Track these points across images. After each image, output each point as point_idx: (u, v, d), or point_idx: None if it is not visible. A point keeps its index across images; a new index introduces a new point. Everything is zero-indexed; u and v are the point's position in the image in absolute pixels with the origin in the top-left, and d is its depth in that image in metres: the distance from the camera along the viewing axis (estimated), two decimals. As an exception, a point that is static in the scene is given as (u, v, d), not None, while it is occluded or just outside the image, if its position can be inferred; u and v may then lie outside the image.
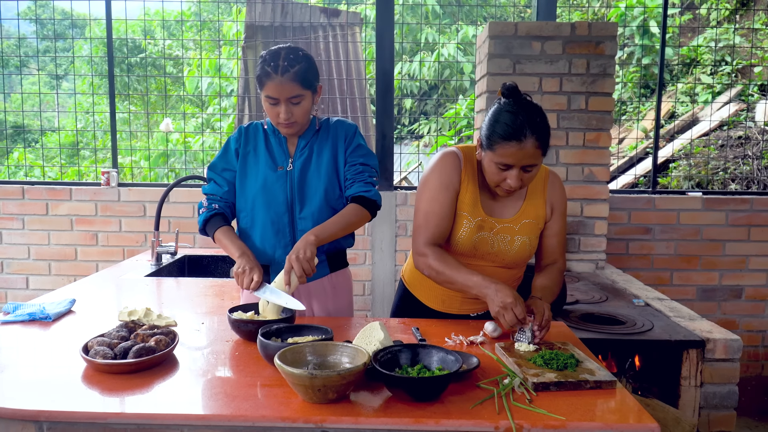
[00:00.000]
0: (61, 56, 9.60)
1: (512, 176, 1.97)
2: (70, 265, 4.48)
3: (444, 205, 2.11)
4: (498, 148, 1.94)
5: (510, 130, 1.91)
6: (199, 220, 2.33)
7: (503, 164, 1.96)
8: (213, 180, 2.36)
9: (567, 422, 1.44)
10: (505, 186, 2.01)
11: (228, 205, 2.34)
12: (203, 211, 2.31)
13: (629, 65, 7.39)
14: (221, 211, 2.31)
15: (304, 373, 1.45)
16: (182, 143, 7.40)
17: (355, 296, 4.40)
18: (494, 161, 1.98)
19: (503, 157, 1.94)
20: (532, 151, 1.92)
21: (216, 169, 2.35)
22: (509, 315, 1.86)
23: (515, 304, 1.87)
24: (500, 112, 1.96)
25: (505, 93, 2.00)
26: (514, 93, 1.99)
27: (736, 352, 2.62)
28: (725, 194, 4.53)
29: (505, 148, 1.93)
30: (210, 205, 2.31)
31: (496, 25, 3.74)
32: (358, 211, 2.26)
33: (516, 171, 1.96)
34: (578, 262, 3.93)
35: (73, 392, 1.56)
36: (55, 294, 2.62)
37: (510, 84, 2.00)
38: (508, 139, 1.91)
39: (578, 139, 3.83)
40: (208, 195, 2.34)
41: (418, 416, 1.45)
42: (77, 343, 1.83)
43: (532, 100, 2.00)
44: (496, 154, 1.96)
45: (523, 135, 1.90)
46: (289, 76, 2.12)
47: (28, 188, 4.44)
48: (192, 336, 2.04)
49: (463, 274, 2.01)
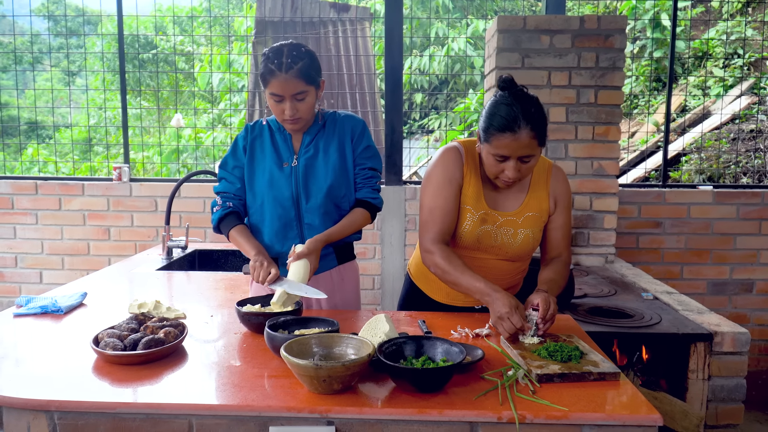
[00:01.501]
0: (74, 53, 9.66)
1: (509, 167, 1.99)
2: (83, 260, 4.53)
3: (448, 199, 2.13)
4: (494, 140, 1.97)
5: (504, 122, 1.93)
6: (213, 218, 2.36)
7: (500, 156, 1.99)
8: (224, 179, 2.39)
9: (569, 413, 1.45)
10: (504, 177, 2.03)
11: (242, 202, 2.37)
12: (218, 209, 2.34)
13: (641, 58, 7.34)
14: (235, 209, 2.34)
15: (309, 363, 1.47)
16: (194, 139, 7.43)
17: (365, 290, 4.42)
18: (491, 153, 2.00)
19: (499, 148, 1.97)
20: (528, 142, 1.94)
21: (227, 168, 2.38)
22: (506, 324, 1.89)
23: (512, 314, 1.88)
24: (496, 105, 1.98)
25: (501, 85, 2.03)
26: (510, 85, 2.01)
27: (744, 345, 2.62)
28: (736, 188, 4.51)
29: (501, 140, 1.95)
30: (224, 203, 2.34)
31: (505, 19, 3.73)
32: (363, 215, 2.37)
33: (513, 162, 1.98)
34: (587, 256, 3.93)
35: (83, 383, 1.59)
36: (68, 287, 2.66)
37: (506, 76, 2.02)
38: (502, 130, 1.94)
39: (587, 133, 3.82)
40: (221, 193, 2.37)
41: (422, 407, 1.46)
42: (88, 335, 1.87)
43: (528, 92, 2.02)
44: (492, 146, 1.98)
45: (518, 126, 1.92)
46: (293, 73, 2.14)
47: (41, 183, 4.49)
48: (201, 328, 2.07)
49: (467, 278, 2.03)
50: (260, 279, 2.11)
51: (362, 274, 4.31)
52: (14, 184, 4.49)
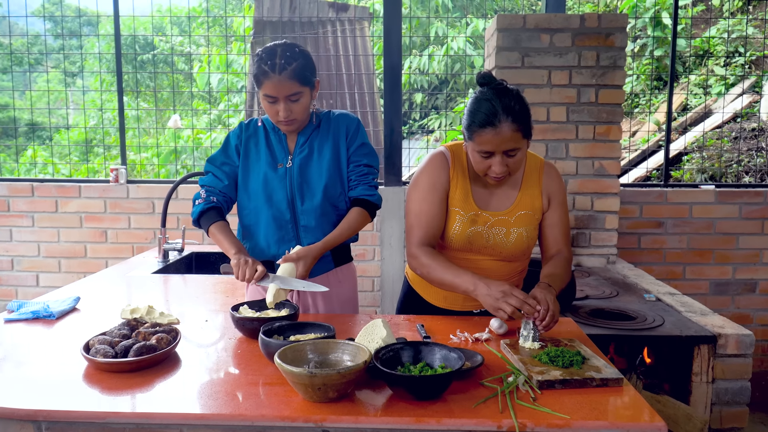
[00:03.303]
0: (72, 53, 9.62)
1: (495, 162, 1.98)
2: (80, 263, 4.50)
3: (434, 204, 2.12)
4: (476, 137, 1.96)
5: (484, 117, 1.93)
6: (194, 211, 2.30)
7: (484, 152, 1.98)
8: (211, 173, 2.34)
9: (572, 421, 1.41)
10: (492, 173, 2.01)
11: (226, 199, 2.32)
12: (200, 202, 2.28)
13: (642, 57, 7.30)
14: (218, 204, 2.29)
15: (303, 371, 1.43)
16: (193, 140, 7.40)
17: (364, 292, 4.38)
18: (476, 150, 1.99)
19: (482, 144, 1.96)
20: (510, 135, 1.93)
21: (215, 163, 2.34)
22: (506, 305, 1.83)
23: (509, 293, 1.85)
24: (476, 101, 1.98)
25: (480, 81, 2.02)
26: (489, 80, 2.00)
27: (749, 348, 2.58)
28: (738, 187, 4.47)
29: (482, 136, 1.94)
30: (208, 197, 2.29)
31: (505, 17, 3.69)
32: (361, 215, 2.32)
33: (498, 157, 1.97)
34: (589, 256, 3.89)
35: (73, 391, 1.55)
36: (62, 291, 2.62)
37: (484, 72, 2.02)
38: (483, 126, 1.93)
39: (588, 133, 3.78)
40: (206, 187, 2.32)
41: (419, 415, 1.42)
42: (79, 342, 1.82)
43: (509, 86, 2.00)
44: (475, 143, 1.98)
45: (498, 120, 1.91)
46: (287, 74, 2.10)
47: (38, 185, 4.45)
48: (195, 333, 2.03)
49: (452, 273, 2.00)
50: (246, 277, 2.04)
51: (361, 276, 4.28)
52: (10, 186, 4.46)
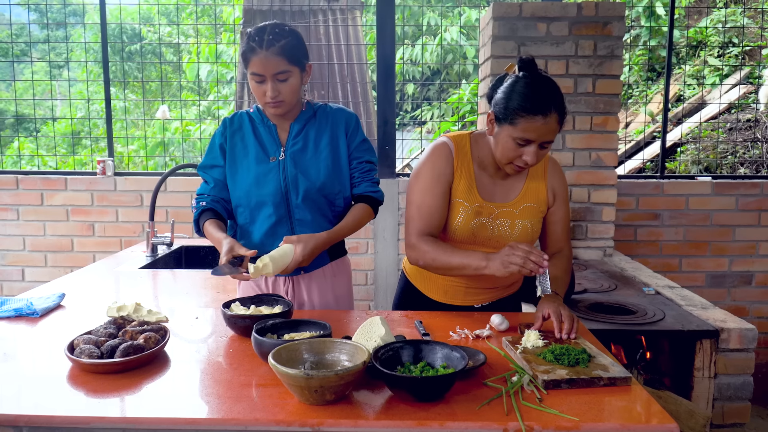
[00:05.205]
0: (57, 44, 9.47)
1: (530, 152, 1.90)
2: (67, 257, 4.40)
3: (436, 196, 2.04)
4: (521, 122, 1.86)
5: (536, 104, 1.83)
6: (193, 221, 2.28)
7: (523, 139, 1.88)
8: (203, 180, 2.31)
9: (580, 423, 1.35)
10: (520, 163, 1.93)
11: (215, 200, 2.26)
12: (194, 211, 2.26)
13: (635, 47, 7.25)
14: (209, 207, 2.24)
15: (299, 373, 1.36)
16: (182, 131, 7.29)
17: (358, 286, 4.31)
18: (513, 136, 1.89)
19: (526, 132, 1.86)
20: (554, 127, 1.87)
21: (204, 168, 2.30)
22: (514, 257, 1.78)
23: (514, 245, 1.80)
24: (523, 86, 1.87)
25: (522, 66, 1.92)
26: (531, 66, 1.91)
27: (751, 342, 2.54)
28: (735, 178, 4.43)
29: (530, 122, 1.84)
30: (198, 203, 2.25)
31: (500, 6, 3.62)
32: (366, 211, 2.28)
33: (535, 147, 1.89)
34: (586, 249, 3.84)
35: (56, 394, 1.47)
36: (47, 287, 2.54)
37: (527, 57, 1.92)
38: (533, 113, 1.83)
39: (585, 123, 3.72)
40: (198, 195, 2.29)
41: (421, 418, 1.36)
42: (64, 341, 1.74)
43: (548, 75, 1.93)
44: (517, 129, 1.87)
45: (549, 110, 1.83)
46: (275, 50, 2.02)
47: (23, 178, 4.34)
48: (185, 331, 1.95)
49: (460, 254, 1.95)
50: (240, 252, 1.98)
51: (355, 269, 4.20)
52: (-6, 179, 4.35)
